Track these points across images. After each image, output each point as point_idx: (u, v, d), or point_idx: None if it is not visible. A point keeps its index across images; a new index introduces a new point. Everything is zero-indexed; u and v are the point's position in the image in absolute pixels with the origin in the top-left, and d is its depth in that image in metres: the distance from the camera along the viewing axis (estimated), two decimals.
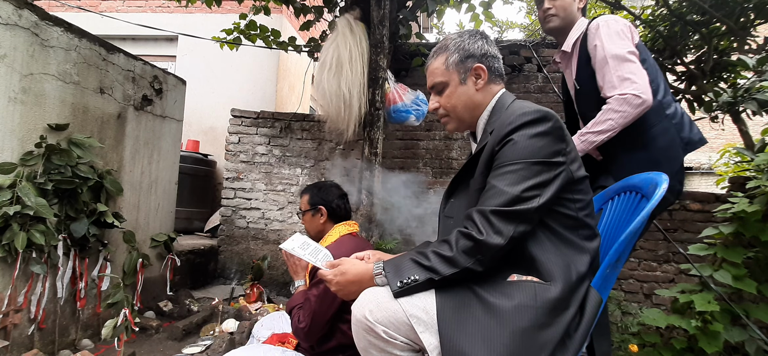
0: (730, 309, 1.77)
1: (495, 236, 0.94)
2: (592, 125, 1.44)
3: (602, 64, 1.43)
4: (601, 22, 1.49)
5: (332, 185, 1.79)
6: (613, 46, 1.42)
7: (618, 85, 1.39)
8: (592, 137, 1.44)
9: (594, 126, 1.43)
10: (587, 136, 1.46)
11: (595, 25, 1.50)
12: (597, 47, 1.46)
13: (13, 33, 2.03)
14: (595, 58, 1.46)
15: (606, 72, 1.41)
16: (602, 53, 1.43)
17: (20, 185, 1.99)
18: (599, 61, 1.44)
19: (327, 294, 1.40)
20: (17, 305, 2.04)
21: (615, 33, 1.45)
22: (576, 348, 0.93)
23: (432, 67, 1.19)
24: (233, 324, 2.64)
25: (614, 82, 1.40)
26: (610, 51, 1.42)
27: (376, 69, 2.78)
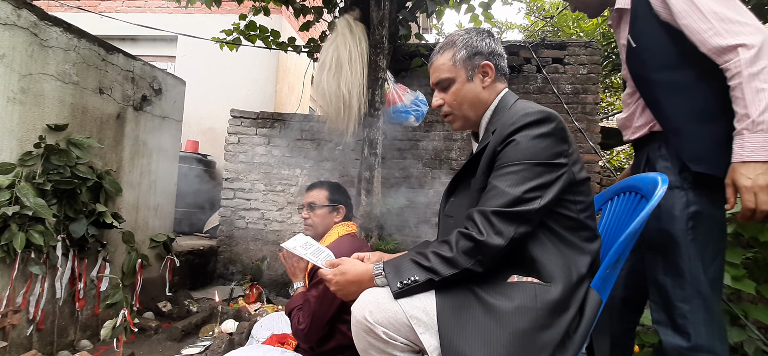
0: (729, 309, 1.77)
1: (495, 236, 0.94)
2: (760, 101, 1.03)
3: (692, 14, 1.12)
4: None
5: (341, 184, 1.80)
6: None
7: (735, 31, 1.08)
8: None
9: (763, 98, 1.03)
10: None
11: None
12: (670, 2, 1.17)
13: (11, 33, 2.03)
14: (675, 10, 1.16)
15: (702, 22, 1.11)
16: (688, 4, 1.14)
17: (19, 186, 1.98)
18: (684, 13, 1.14)
19: (326, 294, 1.39)
20: (16, 305, 2.04)
21: None
22: (576, 348, 0.93)
23: (437, 63, 1.17)
24: (232, 325, 2.64)
25: (726, 28, 1.08)
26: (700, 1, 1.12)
27: (375, 70, 2.78)
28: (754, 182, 1.03)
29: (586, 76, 3.52)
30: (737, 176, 1.06)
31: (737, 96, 1.07)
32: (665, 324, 1.18)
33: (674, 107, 1.20)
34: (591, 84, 3.51)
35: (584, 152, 3.43)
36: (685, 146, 1.18)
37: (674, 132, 1.20)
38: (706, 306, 1.14)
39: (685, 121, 1.19)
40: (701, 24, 1.11)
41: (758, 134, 1.03)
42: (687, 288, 1.15)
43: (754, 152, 1.03)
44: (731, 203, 1.10)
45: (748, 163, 1.04)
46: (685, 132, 1.18)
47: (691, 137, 1.17)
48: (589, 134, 3.45)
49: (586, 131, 3.45)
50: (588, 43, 3.62)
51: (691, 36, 1.14)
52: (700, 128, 1.17)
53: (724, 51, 1.08)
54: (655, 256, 1.21)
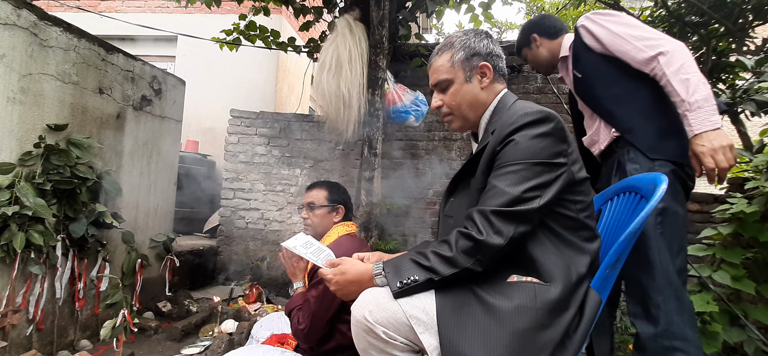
0: (728, 309, 1.77)
1: (495, 236, 0.94)
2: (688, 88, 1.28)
3: (617, 41, 1.43)
4: (589, 15, 1.54)
5: (340, 184, 1.79)
6: (617, 22, 1.46)
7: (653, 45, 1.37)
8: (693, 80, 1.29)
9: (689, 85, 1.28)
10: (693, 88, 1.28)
11: (582, 21, 1.55)
12: (601, 34, 1.47)
13: (11, 33, 2.03)
14: (604, 42, 1.47)
15: (627, 45, 1.41)
16: (611, 35, 1.45)
17: (19, 186, 1.98)
18: (613, 42, 1.45)
19: (326, 294, 1.39)
20: (15, 305, 2.04)
21: (607, 14, 1.50)
22: (575, 348, 0.93)
23: (436, 65, 1.18)
24: (232, 325, 2.64)
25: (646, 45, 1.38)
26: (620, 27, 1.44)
27: (375, 70, 2.79)
28: (709, 146, 1.25)
29: None
30: (694, 147, 1.28)
31: (670, 90, 1.33)
32: (641, 316, 1.32)
33: (624, 112, 1.46)
34: None
35: None
36: (640, 139, 1.42)
37: (628, 131, 1.44)
38: (676, 295, 1.29)
39: (634, 120, 1.44)
40: (626, 47, 1.42)
41: (696, 111, 1.27)
42: (658, 279, 1.30)
43: (700, 125, 1.26)
44: (698, 173, 1.31)
45: (699, 134, 1.27)
46: (637, 129, 1.43)
47: (642, 132, 1.42)
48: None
49: None
50: None
51: (622, 57, 1.44)
52: (647, 123, 1.42)
53: (649, 61, 1.37)
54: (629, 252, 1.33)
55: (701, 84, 1.28)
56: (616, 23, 1.45)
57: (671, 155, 1.37)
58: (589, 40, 1.52)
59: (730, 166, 1.24)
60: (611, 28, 1.45)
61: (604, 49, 1.48)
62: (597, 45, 1.50)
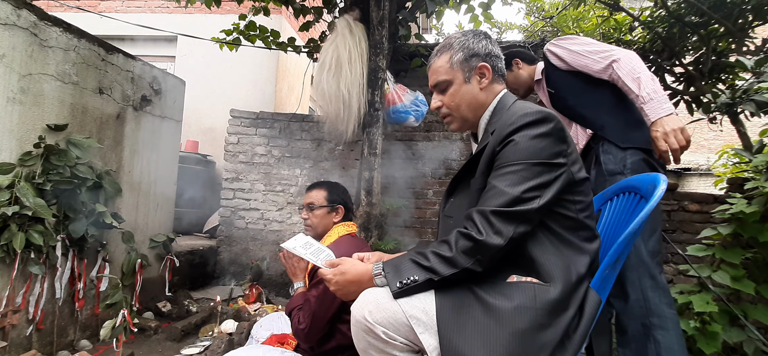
0: (728, 309, 1.77)
1: (495, 236, 0.94)
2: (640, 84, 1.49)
3: (577, 57, 1.68)
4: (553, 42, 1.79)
5: (340, 184, 1.79)
6: (575, 43, 1.72)
7: (607, 56, 1.60)
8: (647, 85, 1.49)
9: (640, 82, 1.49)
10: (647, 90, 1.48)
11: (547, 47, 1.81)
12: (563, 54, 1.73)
13: (11, 33, 2.03)
14: (567, 60, 1.72)
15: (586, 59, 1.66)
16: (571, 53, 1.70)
17: (19, 186, 1.98)
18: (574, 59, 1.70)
19: (326, 294, 1.40)
20: (15, 305, 2.04)
21: (566, 38, 1.77)
22: (575, 348, 0.93)
23: (435, 66, 1.19)
24: (232, 325, 2.64)
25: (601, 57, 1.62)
26: (577, 46, 1.70)
27: (375, 70, 2.79)
28: (662, 130, 1.43)
29: None
30: (651, 133, 1.47)
31: (626, 90, 1.55)
32: (619, 296, 1.45)
33: (595, 114, 1.68)
34: None
35: None
36: (611, 133, 1.61)
37: (600, 128, 1.65)
38: (650, 273, 1.43)
39: (604, 118, 1.65)
40: (586, 61, 1.66)
41: (650, 103, 1.47)
42: (631, 259, 1.43)
43: (654, 113, 1.46)
44: (658, 153, 1.47)
45: (655, 121, 1.46)
46: (607, 125, 1.64)
47: (612, 127, 1.62)
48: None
49: None
50: None
51: (584, 70, 1.68)
52: (615, 119, 1.63)
53: (606, 69, 1.60)
54: None
55: (650, 80, 1.49)
56: (574, 44, 1.71)
57: (640, 143, 1.56)
58: (555, 61, 1.77)
59: (682, 146, 1.41)
60: (571, 47, 1.71)
61: (568, 66, 1.72)
62: (562, 64, 1.75)
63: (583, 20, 4.84)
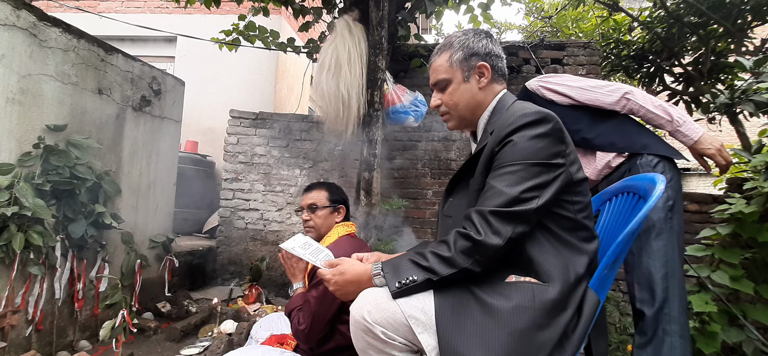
0: (727, 309, 1.77)
1: (493, 236, 0.94)
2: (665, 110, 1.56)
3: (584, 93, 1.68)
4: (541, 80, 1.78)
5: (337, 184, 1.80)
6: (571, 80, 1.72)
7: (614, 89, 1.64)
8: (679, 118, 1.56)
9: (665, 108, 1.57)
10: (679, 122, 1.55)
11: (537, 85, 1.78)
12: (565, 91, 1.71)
13: (11, 33, 2.03)
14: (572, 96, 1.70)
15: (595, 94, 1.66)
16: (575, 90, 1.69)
17: (18, 186, 1.98)
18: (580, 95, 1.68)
19: (326, 295, 1.39)
20: (15, 306, 2.04)
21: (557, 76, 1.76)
22: (574, 348, 0.93)
23: (435, 64, 1.19)
24: (232, 325, 2.64)
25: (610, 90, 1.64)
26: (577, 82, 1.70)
27: (374, 70, 2.79)
28: (715, 146, 1.50)
29: (585, 76, 3.52)
30: (701, 150, 1.52)
31: (651, 117, 1.58)
32: (648, 302, 1.45)
33: (627, 137, 1.65)
34: None
35: None
36: (658, 147, 1.60)
37: (644, 146, 1.62)
38: (680, 284, 1.46)
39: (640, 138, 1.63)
40: (596, 95, 1.65)
41: (685, 125, 1.52)
42: (667, 268, 1.45)
43: (695, 132, 1.51)
44: (708, 169, 1.57)
45: (698, 140, 1.51)
46: (650, 142, 1.62)
47: (655, 142, 1.62)
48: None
49: None
50: (587, 44, 3.62)
51: (593, 104, 1.66)
52: (650, 138, 1.64)
53: (618, 102, 1.62)
54: (638, 241, 1.49)
55: (671, 106, 1.56)
56: (571, 80, 1.71)
57: (676, 155, 1.59)
58: (554, 97, 1.73)
59: (732, 160, 1.49)
60: (571, 84, 1.70)
61: (572, 101, 1.69)
62: (564, 99, 1.71)
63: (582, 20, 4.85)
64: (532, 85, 1.79)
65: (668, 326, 1.40)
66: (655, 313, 1.42)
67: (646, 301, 1.45)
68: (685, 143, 1.54)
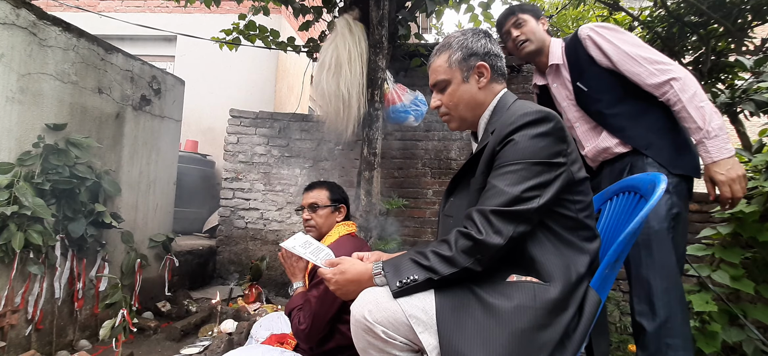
0: (728, 309, 1.77)
1: (494, 236, 0.94)
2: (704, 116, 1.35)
3: (627, 61, 1.46)
4: (594, 28, 1.55)
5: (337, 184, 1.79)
6: (626, 41, 1.48)
7: (664, 70, 1.41)
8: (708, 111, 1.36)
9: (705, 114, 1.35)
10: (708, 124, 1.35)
11: (588, 32, 1.55)
12: (609, 50, 1.49)
13: (10, 32, 2.03)
14: (613, 58, 1.49)
15: (639, 67, 1.44)
16: (620, 53, 1.47)
17: (18, 185, 1.98)
18: (622, 61, 1.47)
19: (327, 294, 1.39)
20: (14, 305, 2.03)
21: (614, 29, 1.51)
22: (575, 348, 0.93)
23: (434, 65, 1.19)
24: (232, 325, 2.64)
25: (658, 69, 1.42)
26: (629, 46, 1.46)
27: (375, 69, 2.78)
28: (727, 175, 1.33)
29: None
30: (712, 173, 1.36)
31: (684, 117, 1.39)
32: (648, 315, 1.36)
33: (638, 129, 1.49)
34: None
35: None
36: (659, 155, 1.45)
37: (647, 146, 1.47)
38: (681, 296, 1.37)
39: (650, 137, 1.47)
40: (637, 68, 1.44)
41: (714, 139, 1.34)
42: (668, 280, 1.36)
43: (719, 152, 1.34)
44: (712, 196, 1.39)
45: (717, 162, 1.35)
46: (655, 146, 1.47)
47: (660, 149, 1.46)
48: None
49: None
50: None
51: (632, 78, 1.47)
52: (663, 140, 1.46)
53: (660, 86, 1.42)
54: (637, 252, 1.39)
55: (715, 113, 1.36)
56: (625, 42, 1.47)
57: (687, 170, 1.45)
58: (595, 54, 1.53)
59: (742, 196, 1.33)
60: (621, 46, 1.47)
61: (611, 65, 1.50)
62: (604, 60, 1.51)
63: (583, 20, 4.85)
64: (582, 32, 1.57)
65: (671, 340, 1.32)
66: (656, 328, 1.33)
67: (646, 314, 1.36)
68: (704, 160, 1.38)
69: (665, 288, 1.34)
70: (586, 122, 1.63)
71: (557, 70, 1.66)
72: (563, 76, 1.64)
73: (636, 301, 1.38)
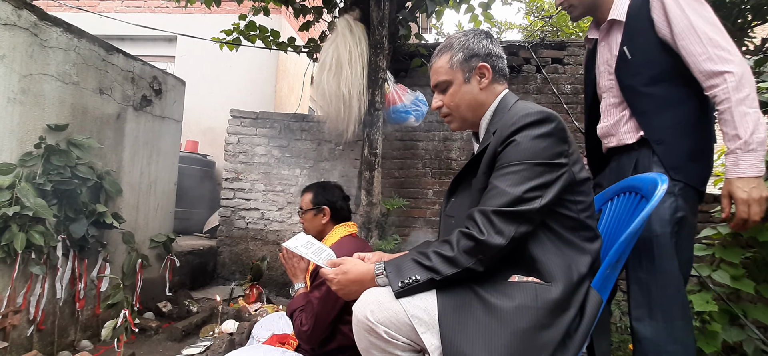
0: (728, 309, 1.77)
1: (496, 236, 0.95)
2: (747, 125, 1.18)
3: (688, 36, 1.25)
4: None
5: (335, 185, 1.79)
6: (698, 13, 1.26)
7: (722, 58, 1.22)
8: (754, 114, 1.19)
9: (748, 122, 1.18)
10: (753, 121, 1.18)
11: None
12: (675, 16, 1.27)
13: (12, 33, 2.03)
14: (674, 28, 1.27)
15: (697, 46, 1.24)
16: (685, 21, 1.26)
17: (19, 186, 1.98)
18: (682, 33, 1.26)
19: (329, 295, 1.40)
20: (16, 306, 2.04)
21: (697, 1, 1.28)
22: (576, 348, 0.93)
23: (436, 66, 1.19)
24: (233, 325, 2.64)
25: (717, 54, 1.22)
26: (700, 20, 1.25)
27: (375, 70, 2.79)
28: (749, 194, 1.18)
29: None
30: (734, 189, 1.21)
31: (727, 119, 1.21)
32: (645, 320, 1.28)
33: (661, 119, 1.33)
34: None
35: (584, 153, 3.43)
36: (667, 155, 1.30)
37: (658, 141, 1.32)
38: (682, 302, 1.28)
39: (668, 132, 1.32)
40: (697, 47, 1.24)
41: (750, 153, 1.18)
42: (668, 287, 1.26)
43: (748, 169, 1.18)
44: (726, 214, 1.26)
45: (743, 178, 1.19)
46: (667, 142, 1.31)
47: (672, 147, 1.31)
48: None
49: None
50: None
51: (686, 57, 1.27)
52: (679, 140, 1.31)
53: (712, 75, 1.22)
54: (638, 255, 1.29)
55: (761, 124, 1.19)
56: (698, 14, 1.26)
57: (691, 179, 1.30)
58: (658, 17, 1.31)
59: (758, 220, 1.19)
60: (690, 15, 1.25)
61: (669, 36, 1.30)
62: (664, 28, 1.30)
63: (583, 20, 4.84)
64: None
65: (671, 347, 1.24)
66: (655, 334, 1.26)
67: (643, 320, 1.28)
68: (729, 171, 1.22)
69: (665, 293, 1.26)
70: (614, 96, 1.45)
71: (611, 28, 1.45)
72: (614, 37, 1.43)
73: (634, 306, 1.31)
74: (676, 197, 1.28)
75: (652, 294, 1.27)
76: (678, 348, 1.25)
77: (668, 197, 1.26)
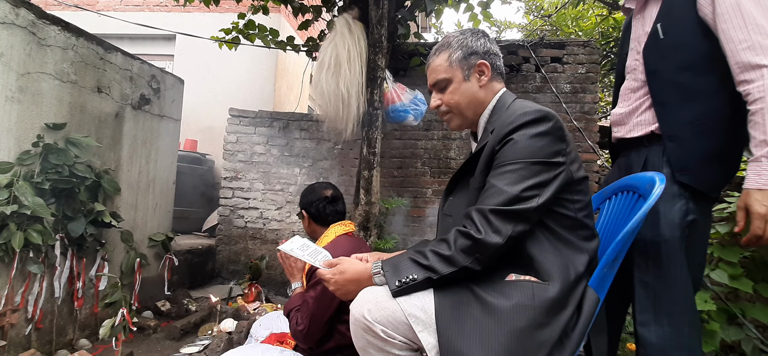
0: (726, 308, 1.78)
1: (493, 235, 0.94)
2: None
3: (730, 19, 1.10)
4: None
5: (322, 186, 1.76)
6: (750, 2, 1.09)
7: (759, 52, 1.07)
8: None
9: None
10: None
11: None
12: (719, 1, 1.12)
13: (9, 31, 2.02)
14: (718, 8, 1.12)
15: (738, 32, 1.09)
16: (735, 5, 1.10)
17: (17, 185, 1.98)
18: (728, 14, 1.10)
19: (325, 295, 1.40)
20: (14, 305, 2.04)
21: None
22: (573, 347, 0.93)
23: (434, 65, 1.19)
24: (231, 324, 2.64)
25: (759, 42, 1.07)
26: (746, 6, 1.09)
27: (374, 69, 2.78)
28: (766, 211, 1.05)
29: (585, 75, 3.52)
30: (752, 202, 1.07)
31: (757, 121, 1.07)
32: (650, 324, 1.21)
33: (679, 113, 1.19)
34: (590, 83, 3.52)
35: (582, 151, 3.44)
36: (678, 153, 1.19)
37: (671, 137, 1.21)
38: (690, 308, 1.20)
39: (684, 128, 1.19)
40: (739, 33, 1.09)
41: None
42: (676, 292, 1.19)
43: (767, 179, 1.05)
44: (740, 226, 1.12)
45: (764, 191, 1.05)
46: (681, 139, 1.19)
47: (684, 146, 1.19)
48: (587, 134, 3.45)
49: (584, 131, 3.46)
50: (586, 43, 3.62)
51: (725, 44, 1.12)
52: (695, 138, 1.18)
53: (749, 68, 1.07)
54: (645, 259, 1.23)
55: None
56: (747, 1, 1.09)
57: (700, 183, 1.19)
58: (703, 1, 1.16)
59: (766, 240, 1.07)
60: (735, 4, 1.09)
61: (710, 17, 1.15)
62: (708, 6, 1.15)
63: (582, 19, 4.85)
64: None
65: (677, 353, 1.18)
66: (660, 340, 1.19)
67: (648, 323, 1.21)
68: (749, 181, 1.09)
69: (671, 298, 1.19)
70: (635, 79, 1.33)
71: (647, 3, 1.31)
72: (650, 10, 1.29)
73: (639, 310, 1.23)
74: (687, 200, 1.19)
75: (657, 298, 1.21)
76: (684, 355, 1.18)
77: (678, 200, 1.18)
